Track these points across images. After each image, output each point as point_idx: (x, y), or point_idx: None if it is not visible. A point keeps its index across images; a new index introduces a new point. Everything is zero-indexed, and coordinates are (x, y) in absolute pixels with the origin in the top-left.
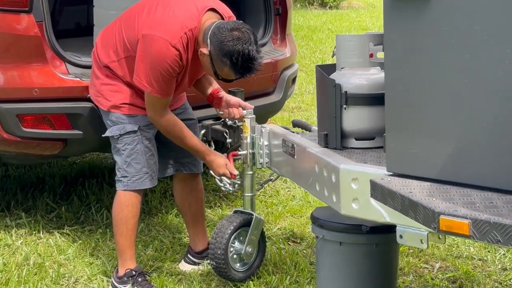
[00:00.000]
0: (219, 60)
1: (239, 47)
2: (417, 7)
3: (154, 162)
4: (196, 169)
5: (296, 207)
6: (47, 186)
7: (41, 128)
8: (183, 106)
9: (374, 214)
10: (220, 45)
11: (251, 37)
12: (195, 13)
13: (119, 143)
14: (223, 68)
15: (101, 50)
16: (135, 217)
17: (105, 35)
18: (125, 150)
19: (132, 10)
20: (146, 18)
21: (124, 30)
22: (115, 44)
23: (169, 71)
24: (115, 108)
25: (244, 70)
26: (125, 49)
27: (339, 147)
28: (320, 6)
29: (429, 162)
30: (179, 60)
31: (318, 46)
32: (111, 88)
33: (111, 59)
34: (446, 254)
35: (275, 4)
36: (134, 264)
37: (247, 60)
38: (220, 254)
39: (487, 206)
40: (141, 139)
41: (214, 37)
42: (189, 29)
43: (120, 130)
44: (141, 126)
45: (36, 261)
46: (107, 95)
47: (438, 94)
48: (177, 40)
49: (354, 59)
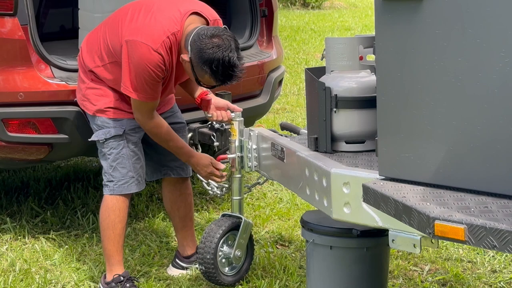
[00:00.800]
0: (200, 67)
1: (219, 54)
2: (409, 10)
3: (141, 166)
4: (184, 173)
5: (283, 210)
6: (32, 190)
7: (26, 132)
8: (172, 110)
9: (366, 218)
10: (199, 52)
11: (232, 44)
12: (177, 17)
13: (105, 147)
14: (204, 75)
15: (86, 55)
16: (122, 222)
17: (90, 40)
18: (111, 154)
19: (116, 15)
20: (129, 23)
21: (108, 35)
22: (100, 49)
23: (153, 76)
24: (100, 112)
25: (224, 77)
26: (110, 54)
27: (330, 150)
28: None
29: (422, 166)
30: (163, 65)
31: (302, 46)
32: (96, 92)
33: (96, 64)
34: (435, 256)
35: (261, 6)
36: (122, 269)
37: (228, 67)
38: (209, 258)
39: (482, 211)
40: (127, 143)
41: (194, 44)
42: (172, 33)
43: (105, 134)
44: (126, 130)
45: (22, 267)
46: (93, 99)
47: (431, 97)
48: (159, 45)
49: (344, 62)
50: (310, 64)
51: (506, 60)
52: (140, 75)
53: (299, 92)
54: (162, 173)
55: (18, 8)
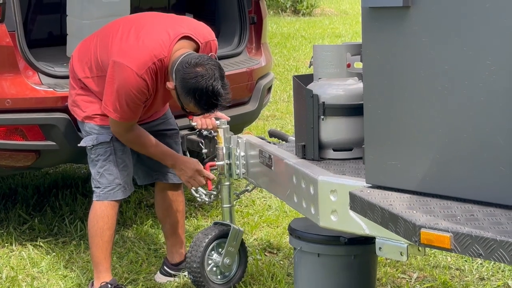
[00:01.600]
0: (184, 96)
1: (202, 84)
2: (395, 17)
3: (128, 173)
4: (176, 179)
5: (272, 217)
6: (20, 197)
7: (14, 139)
8: (164, 116)
9: (353, 226)
10: (183, 81)
11: (216, 73)
12: (166, 42)
13: (93, 153)
14: (188, 103)
15: (77, 64)
16: (110, 229)
17: (82, 49)
18: (98, 160)
19: (107, 30)
20: (119, 42)
21: (99, 49)
22: (90, 61)
23: (135, 99)
24: (88, 118)
25: (208, 106)
26: (98, 68)
27: (317, 158)
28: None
29: (409, 174)
30: (146, 90)
31: (292, 53)
32: (85, 99)
33: (86, 75)
34: (423, 264)
35: (250, 13)
36: (110, 277)
37: (211, 96)
38: (196, 267)
39: (468, 219)
40: (114, 150)
41: (178, 73)
42: (158, 59)
43: (93, 140)
44: (114, 137)
45: (9, 275)
46: (82, 106)
47: (418, 105)
48: (144, 71)
49: (332, 69)
50: (300, 71)
51: (492, 68)
52: (122, 97)
53: (289, 99)
54: (153, 178)
55: (5, 14)
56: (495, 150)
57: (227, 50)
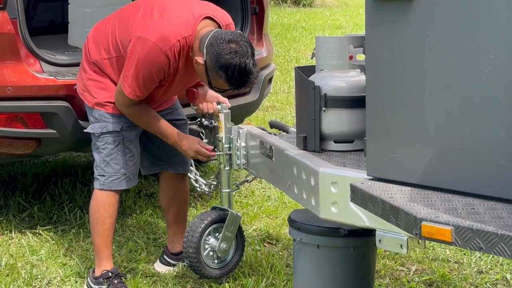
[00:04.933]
0: (215, 71)
1: (236, 60)
2: (399, 10)
3: (134, 163)
4: (182, 169)
5: (271, 208)
6: (19, 185)
7: (14, 127)
8: (173, 106)
9: (353, 218)
10: (216, 57)
11: (249, 51)
12: (190, 21)
13: (100, 141)
14: (218, 79)
15: (92, 46)
16: (112, 217)
17: (98, 31)
18: (105, 149)
19: (127, 10)
20: (141, 21)
21: (117, 30)
22: (107, 42)
23: (153, 76)
24: (99, 105)
25: (239, 83)
26: (117, 49)
27: (318, 149)
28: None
29: (410, 167)
30: (166, 67)
31: (292, 44)
32: (97, 85)
33: (102, 57)
34: (422, 256)
35: (252, 3)
36: (111, 265)
37: (244, 74)
38: (192, 252)
39: (469, 213)
40: (123, 140)
41: (211, 47)
42: (183, 37)
43: (102, 128)
44: (124, 127)
45: (8, 262)
46: (93, 92)
47: (420, 98)
48: (168, 48)
49: (334, 61)
50: (301, 62)
51: (496, 62)
52: (140, 72)
53: (289, 90)
54: (159, 167)
55: (7, 1)
56: (497, 144)
57: None
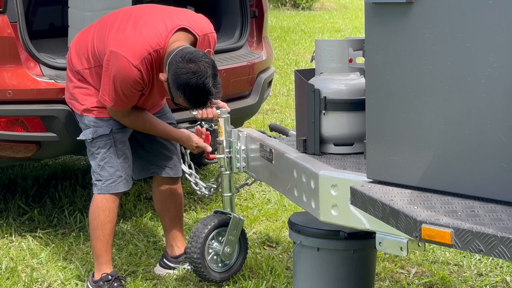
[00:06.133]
0: (174, 90)
1: (194, 80)
2: (398, 13)
3: (129, 165)
4: (173, 172)
5: (271, 211)
6: (19, 188)
7: (14, 130)
8: (161, 110)
9: (353, 221)
10: (174, 76)
11: (208, 71)
12: (163, 34)
13: (93, 146)
14: (178, 97)
15: (75, 55)
16: (111, 222)
17: (79, 41)
18: (99, 153)
19: (106, 20)
20: (115, 33)
21: (96, 40)
22: (87, 52)
23: (130, 89)
24: (87, 111)
25: (198, 103)
26: (96, 59)
27: (318, 152)
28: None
29: (410, 170)
30: (141, 80)
31: (292, 47)
32: (83, 92)
33: (84, 66)
34: (422, 259)
35: (252, 7)
36: (111, 269)
37: (202, 94)
38: (196, 258)
39: (469, 215)
40: (114, 142)
41: (171, 66)
42: (154, 50)
43: (92, 133)
44: (113, 129)
45: (9, 265)
46: (80, 99)
47: (419, 101)
48: (139, 61)
49: (334, 64)
50: (300, 65)
51: (495, 64)
52: (118, 86)
53: (289, 93)
54: (150, 172)
55: (7, 5)
56: (496, 146)
57: (228, 44)
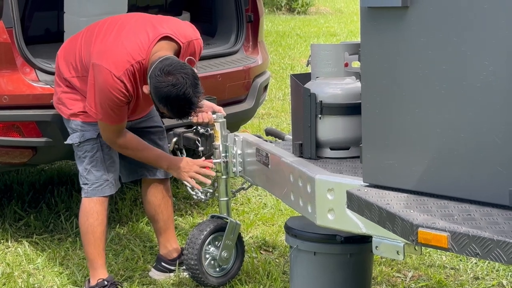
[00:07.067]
0: (157, 102)
1: (174, 93)
2: (394, 17)
3: (115, 169)
4: (160, 174)
5: (267, 215)
6: (15, 193)
7: (10, 135)
8: (148, 114)
9: (350, 225)
10: (155, 89)
11: (187, 81)
12: (145, 44)
13: (80, 150)
14: (162, 109)
15: (63, 63)
16: (101, 225)
17: (68, 48)
18: (86, 157)
19: (93, 28)
20: (99, 44)
21: (83, 49)
22: (75, 61)
23: (116, 101)
24: (74, 116)
25: (181, 114)
26: (83, 68)
27: (314, 156)
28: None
29: (406, 174)
30: (125, 91)
31: (287, 51)
32: (71, 97)
33: (71, 74)
34: (418, 263)
35: (247, 11)
36: (106, 274)
37: (183, 105)
38: (193, 264)
39: (465, 219)
40: (101, 146)
41: (152, 80)
42: (137, 61)
43: (79, 137)
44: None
45: (5, 271)
46: (68, 104)
47: (415, 105)
48: (122, 73)
49: (329, 68)
50: (296, 70)
51: (490, 68)
52: (104, 99)
53: (284, 98)
54: (138, 174)
55: (3, 11)
56: (492, 150)
57: (224, 48)
